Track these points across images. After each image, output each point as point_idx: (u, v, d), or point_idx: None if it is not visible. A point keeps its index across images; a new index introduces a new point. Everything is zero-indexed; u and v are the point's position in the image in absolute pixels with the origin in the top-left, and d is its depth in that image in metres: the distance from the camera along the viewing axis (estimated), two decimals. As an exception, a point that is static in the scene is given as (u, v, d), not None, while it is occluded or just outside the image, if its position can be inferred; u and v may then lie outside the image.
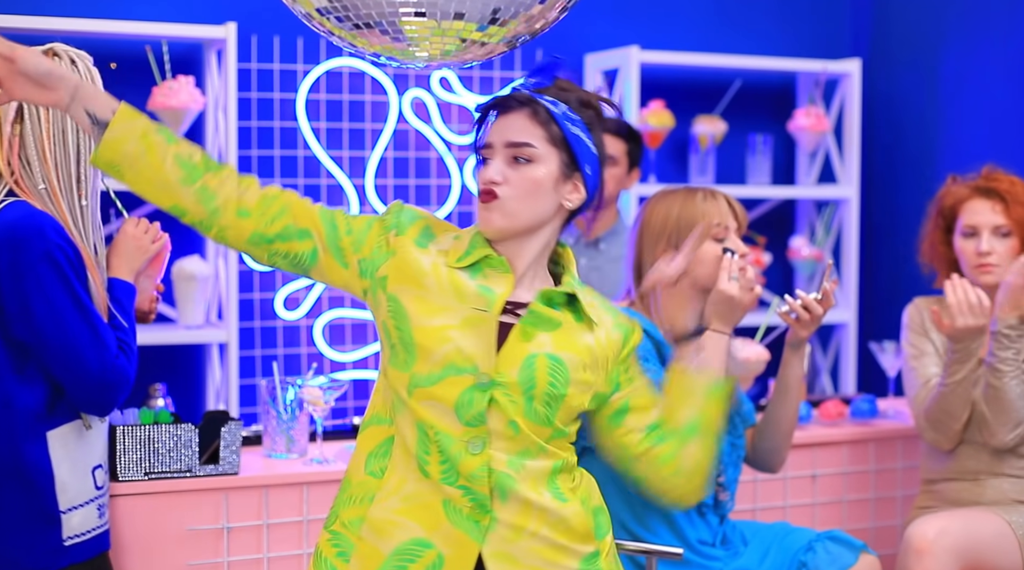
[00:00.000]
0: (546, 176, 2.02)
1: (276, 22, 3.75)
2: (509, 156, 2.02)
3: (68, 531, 2.31)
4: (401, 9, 1.99)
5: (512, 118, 2.03)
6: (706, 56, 4.16)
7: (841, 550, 2.77)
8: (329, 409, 2.99)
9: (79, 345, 2.26)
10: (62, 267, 2.25)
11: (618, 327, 2.09)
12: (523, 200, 2.01)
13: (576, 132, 2.05)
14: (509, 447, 1.99)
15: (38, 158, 2.29)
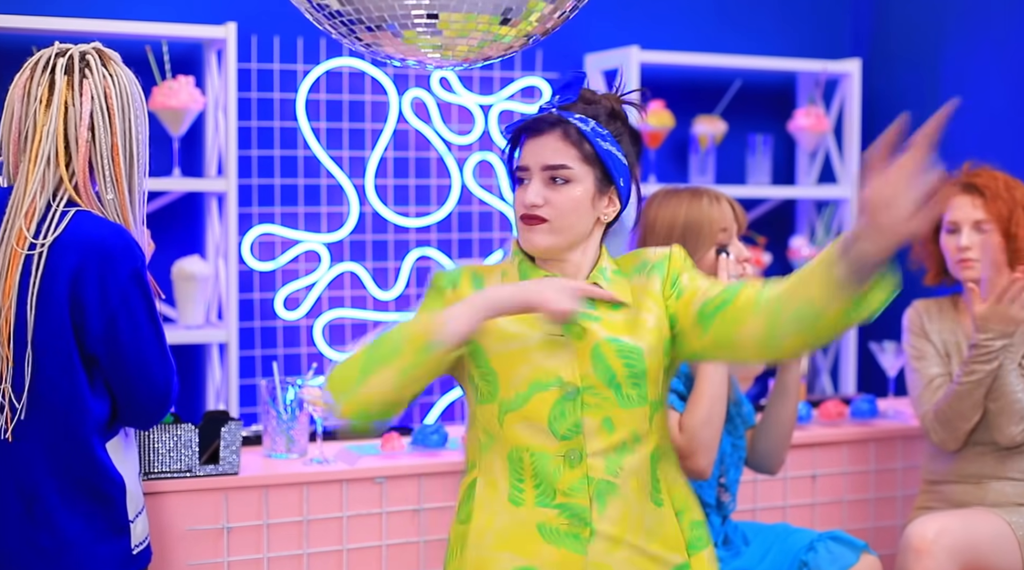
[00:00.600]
0: (584, 194, 2.07)
1: (276, 22, 3.75)
2: (546, 178, 2.07)
3: (135, 539, 2.31)
4: (413, 12, 1.99)
5: (545, 140, 2.07)
6: (706, 56, 4.16)
7: (842, 550, 2.77)
8: (329, 409, 2.99)
9: (152, 363, 2.25)
10: (146, 286, 2.23)
11: (654, 269, 2.11)
12: (565, 219, 2.07)
13: (607, 147, 2.09)
14: (606, 449, 2.03)
15: (110, 167, 2.23)
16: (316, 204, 3.88)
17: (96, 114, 2.22)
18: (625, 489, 2.03)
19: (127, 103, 2.25)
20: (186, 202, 3.75)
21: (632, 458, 2.05)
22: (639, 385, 2.04)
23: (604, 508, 2.02)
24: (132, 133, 2.25)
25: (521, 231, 2.11)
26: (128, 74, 2.29)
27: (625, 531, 2.03)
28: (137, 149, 2.26)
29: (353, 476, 2.91)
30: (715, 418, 2.59)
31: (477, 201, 4.05)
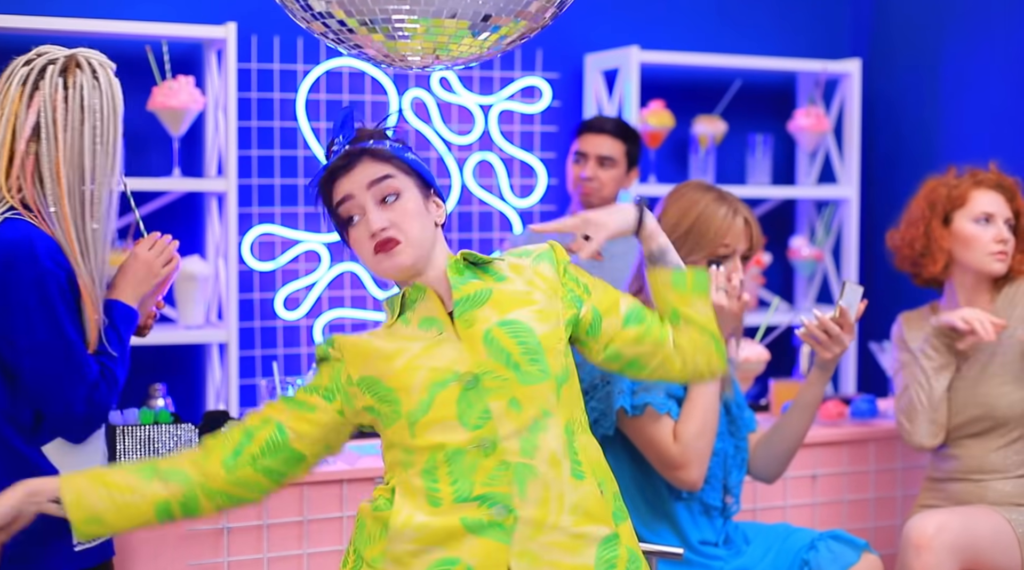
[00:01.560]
0: (415, 203, 2.09)
1: (276, 22, 3.75)
2: (377, 196, 2.07)
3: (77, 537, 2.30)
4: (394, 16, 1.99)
5: (358, 168, 2.09)
6: (706, 56, 4.16)
7: (843, 549, 2.77)
8: (329, 409, 2.99)
9: (56, 378, 2.21)
10: (50, 296, 2.19)
11: (539, 258, 2.14)
12: (414, 230, 2.07)
13: (412, 157, 2.13)
14: (518, 430, 2.01)
15: (52, 179, 2.22)
16: (316, 204, 3.87)
17: (42, 127, 2.22)
18: (543, 469, 2.00)
19: (80, 116, 2.24)
20: (186, 202, 3.75)
21: (545, 435, 2.01)
22: (537, 360, 2.02)
23: (525, 492, 2.00)
24: (81, 146, 2.24)
25: (378, 263, 2.08)
26: (97, 83, 2.28)
27: (548, 513, 2.00)
28: (92, 159, 2.24)
29: (353, 476, 2.91)
30: (708, 430, 2.59)
31: (477, 201, 4.05)
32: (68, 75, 2.26)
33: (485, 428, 2.01)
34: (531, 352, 2.03)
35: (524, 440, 2.01)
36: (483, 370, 2.02)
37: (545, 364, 2.03)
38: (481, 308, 2.06)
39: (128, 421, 2.78)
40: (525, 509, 1.99)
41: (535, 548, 1.99)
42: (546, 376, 2.03)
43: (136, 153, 3.66)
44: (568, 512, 2.01)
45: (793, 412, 2.80)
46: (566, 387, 2.07)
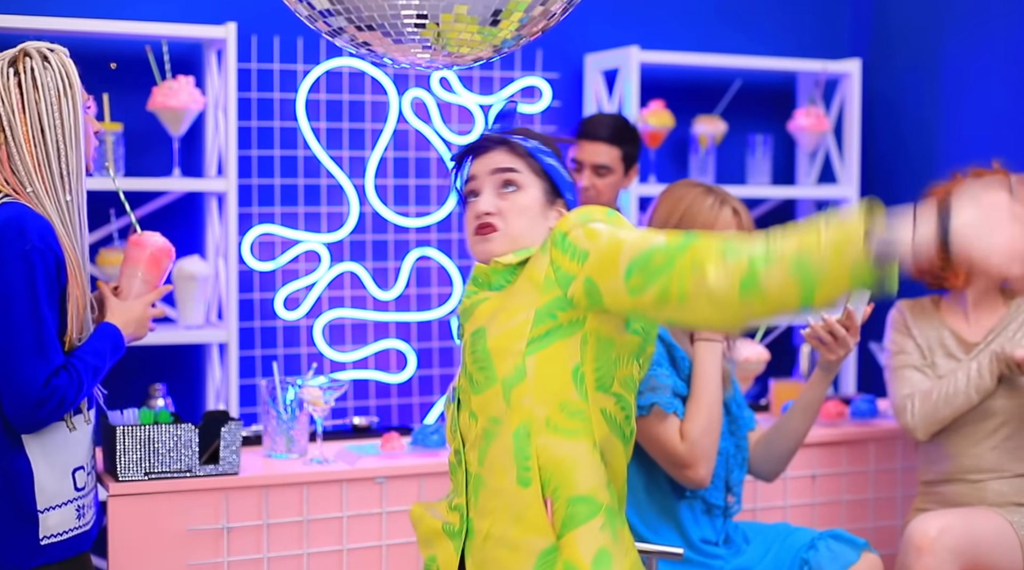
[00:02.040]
0: (533, 201, 2.09)
1: (276, 22, 3.75)
2: (497, 183, 2.10)
3: (44, 531, 2.32)
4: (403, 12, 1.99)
5: (492, 154, 2.12)
6: (706, 56, 4.16)
7: (843, 548, 2.78)
8: (329, 409, 2.99)
9: (20, 352, 2.25)
10: (34, 271, 2.26)
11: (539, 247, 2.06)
12: (517, 225, 2.08)
13: (552, 163, 2.13)
14: (475, 441, 2.04)
15: (21, 161, 2.33)
16: (316, 204, 3.88)
17: (2, 116, 2.33)
18: (491, 478, 2.00)
19: (37, 97, 2.34)
20: (186, 202, 3.75)
21: (496, 443, 1.99)
22: (484, 368, 2.00)
23: (477, 502, 2.03)
24: (42, 126, 2.34)
25: (473, 245, 2.13)
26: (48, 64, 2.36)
27: (494, 523, 2.00)
28: (55, 133, 2.34)
29: (353, 476, 2.91)
30: (714, 427, 2.59)
31: (477, 201, 4.04)
32: (17, 64, 2.37)
33: (457, 441, 2.08)
34: (479, 360, 2.02)
35: (480, 450, 2.03)
36: (459, 385, 2.09)
37: (492, 370, 2.00)
38: (470, 320, 2.10)
39: (128, 421, 2.78)
40: (477, 519, 2.02)
41: (483, 558, 2.01)
42: (492, 382, 2.00)
43: (136, 153, 3.66)
44: (511, 522, 1.98)
45: (794, 412, 2.80)
46: (519, 388, 1.98)
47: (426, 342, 4.00)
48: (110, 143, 3.43)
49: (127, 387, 3.27)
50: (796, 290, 1.68)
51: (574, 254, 1.96)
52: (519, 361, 1.98)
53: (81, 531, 2.40)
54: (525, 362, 1.97)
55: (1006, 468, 3.06)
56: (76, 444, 2.38)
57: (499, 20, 2.04)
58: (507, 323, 2.01)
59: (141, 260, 2.55)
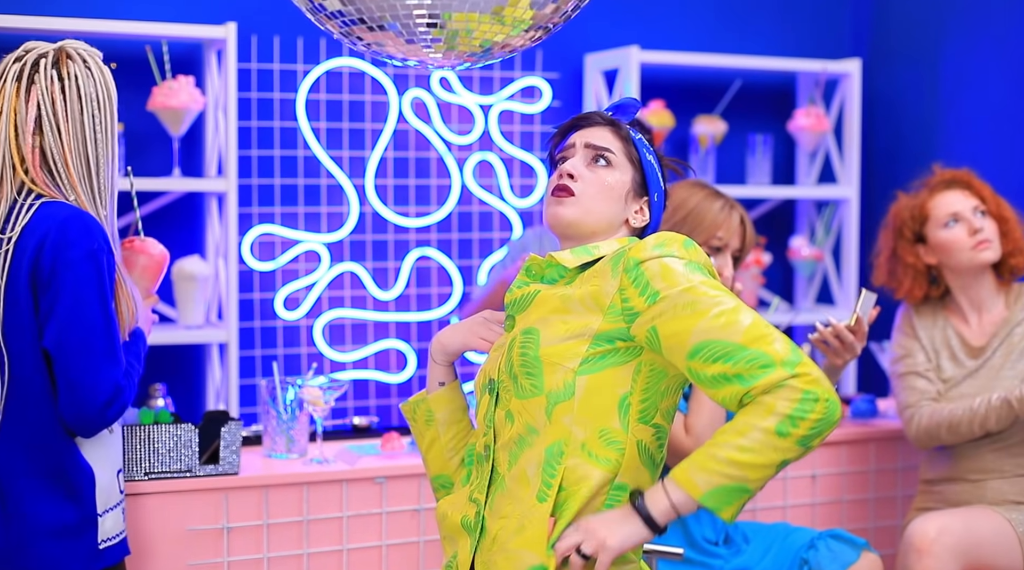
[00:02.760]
0: (619, 183, 2.05)
1: (276, 22, 3.75)
2: (589, 156, 2.06)
3: (103, 534, 2.31)
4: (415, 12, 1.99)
5: (595, 129, 2.09)
6: (706, 56, 4.16)
7: (843, 548, 2.78)
8: (329, 409, 2.99)
9: (95, 353, 2.21)
10: (102, 270, 2.22)
11: (610, 260, 1.97)
12: (595, 199, 2.04)
13: (650, 159, 2.10)
14: (508, 442, 2.00)
15: (63, 170, 2.27)
16: (316, 204, 3.88)
17: (44, 119, 2.26)
18: (512, 483, 1.97)
19: (78, 105, 2.28)
20: (186, 202, 3.75)
21: (529, 451, 1.96)
22: (532, 375, 1.95)
23: (493, 503, 2.00)
24: (83, 134, 2.28)
25: (548, 205, 2.05)
26: (90, 72, 2.31)
27: (502, 527, 1.97)
28: (95, 148, 2.29)
29: (353, 476, 2.91)
30: (717, 421, 2.59)
31: (477, 201, 4.05)
32: (61, 66, 2.30)
33: (488, 435, 2.03)
34: (528, 365, 1.96)
35: (511, 453, 1.99)
36: (499, 378, 2.02)
37: (540, 379, 1.95)
38: (524, 312, 2.04)
39: (128, 421, 2.78)
40: (490, 519, 2.00)
41: (487, 560, 1.99)
42: (538, 392, 1.95)
43: (136, 153, 3.66)
44: (515, 531, 1.96)
45: None
46: (565, 405, 1.94)
47: (426, 342, 4.00)
48: (110, 143, 3.43)
49: (127, 387, 3.27)
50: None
51: (644, 290, 1.90)
52: (569, 379, 1.93)
53: (125, 534, 2.40)
54: (575, 381, 1.93)
55: (1006, 468, 3.06)
56: (117, 445, 2.37)
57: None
58: (563, 335, 1.95)
59: (137, 266, 2.55)
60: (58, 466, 2.25)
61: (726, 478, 1.80)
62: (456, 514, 2.06)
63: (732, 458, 1.80)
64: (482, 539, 2.00)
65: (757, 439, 1.79)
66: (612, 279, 1.93)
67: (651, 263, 1.90)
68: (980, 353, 3.12)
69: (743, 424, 1.81)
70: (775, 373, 1.80)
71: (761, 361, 1.80)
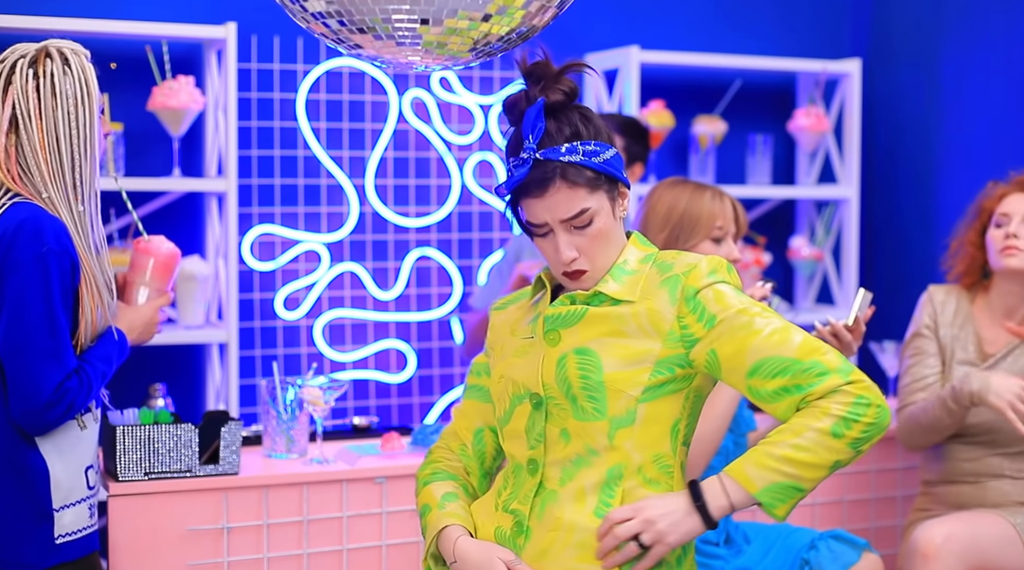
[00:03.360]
0: (606, 220, 2.00)
1: (276, 22, 3.75)
2: (569, 227, 1.99)
3: (60, 529, 2.32)
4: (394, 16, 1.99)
5: (552, 198, 1.96)
6: (706, 56, 4.16)
7: (844, 548, 2.77)
8: (329, 409, 2.99)
9: (33, 354, 2.24)
10: (50, 274, 2.24)
11: (665, 283, 1.98)
12: (601, 257, 2.01)
13: (604, 158, 1.99)
14: (562, 459, 1.99)
15: (36, 168, 2.29)
16: (316, 204, 3.88)
17: (18, 118, 2.29)
18: (567, 499, 1.98)
19: (53, 103, 2.30)
20: (186, 202, 3.75)
21: (588, 471, 1.98)
22: (595, 399, 1.96)
23: (542, 515, 1.99)
24: (57, 133, 2.30)
25: (564, 281, 2.04)
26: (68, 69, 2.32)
27: (554, 542, 1.97)
28: (71, 144, 2.31)
29: (353, 476, 2.91)
30: (705, 440, 2.60)
31: (477, 201, 4.05)
32: (38, 65, 2.32)
33: (536, 450, 2.02)
34: (591, 389, 1.96)
35: (564, 471, 1.99)
36: (548, 394, 2.00)
37: (603, 404, 1.96)
38: (569, 328, 2.01)
39: (128, 421, 2.78)
40: (538, 532, 1.99)
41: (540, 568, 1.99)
42: (601, 416, 1.96)
43: (136, 153, 3.66)
44: (575, 547, 1.97)
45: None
46: (626, 431, 1.96)
47: (426, 342, 4.00)
48: (110, 143, 3.43)
49: (127, 387, 3.27)
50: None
51: (702, 316, 1.95)
52: (632, 406, 1.96)
53: (93, 530, 2.41)
54: (637, 408, 1.97)
55: (1009, 470, 3.05)
56: (87, 442, 2.39)
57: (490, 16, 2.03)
58: (624, 360, 1.96)
59: (147, 267, 2.55)
60: (10, 461, 2.28)
61: (781, 475, 1.90)
62: (491, 522, 2.06)
63: (787, 456, 1.89)
64: (525, 549, 2.00)
65: (812, 439, 1.88)
66: (670, 305, 1.97)
67: (707, 291, 1.96)
68: (990, 358, 3.11)
69: (799, 425, 1.89)
70: (831, 380, 1.89)
71: (817, 370, 1.90)
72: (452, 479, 2.20)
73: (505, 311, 2.17)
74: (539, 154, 1.96)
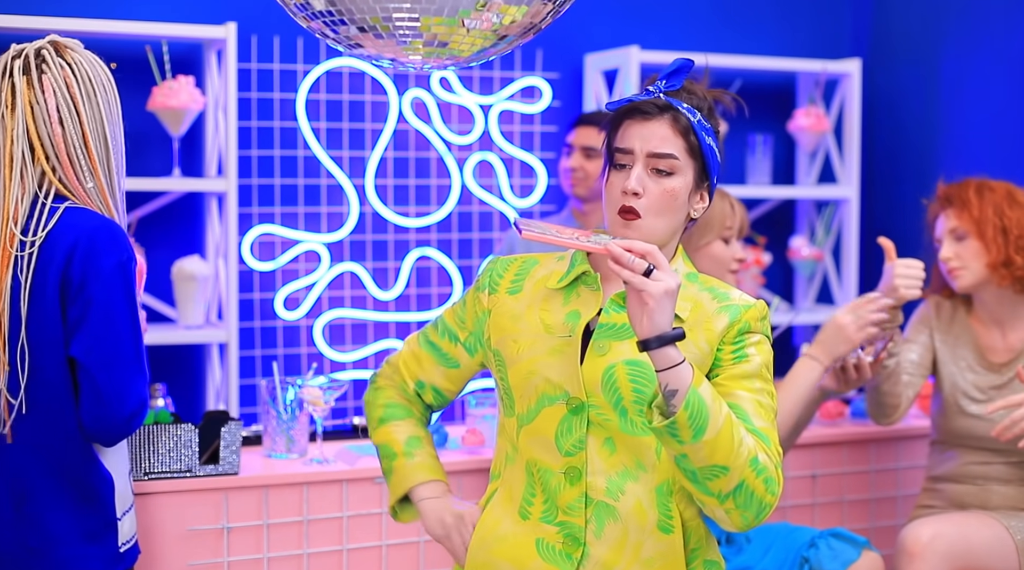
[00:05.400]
0: (682, 187, 1.97)
1: (276, 22, 3.75)
2: (649, 166, 1.97)
3: (122, 537, 2.31)
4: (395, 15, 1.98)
5: (653, 126, 1.98)
6: (706, 56, 4.15)
7: (844, 546, 2.78)
8: (329, 409, 2.99)
9: (125, 365, 2.20)
10: (130, 282, 2.22)
11: (724, 310, 1.96)
12: (661, 215, 1.96)
13: (710, 143, 2.00)
14: (607, 469, 1.95)
15: (84, 154, 2.25)
16: (316, 204, 3.88)
17: (61, 107, 2.25)
18: (625, 513, 1.95)
19: (91, 89, 2.29)
20: (186, 202, 3.75)
21: (636, 485, 1.95)
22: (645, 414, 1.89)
23: (601, 531, 1.96)
24: (101, 117, 2.28)
25: (615, 225, 1.98)
26: (88, 58, 2.31)
27: (619, 557, 1.95)
28: (110, 130, 2.29)
29: (353, 476, 2.91)
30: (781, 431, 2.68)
31: (477, 201, 4.05)
32: (64, 54, 2.30)
33: (576, 457, 1.96)
34: (643, 402, 1.92)
35: (611, 482, 1.95)
36: (592, 402, 1.95)
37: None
38: (621, 342, 1.95)
39: (128, 421, 2.78)
40: (597, 547, 1.96)
41: None
42: (649, 432, 1.91)
43: (136, 153, 3.65)
44: (642, 564, 1.95)
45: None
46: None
47: (426, 342, 4.00)
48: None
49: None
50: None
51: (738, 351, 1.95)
52: None
53: (138, 536, 2.41)
54: None
55: (1015, 475, 3.05)
56: (126, 448, 2.38)
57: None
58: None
59: None
60: (78, 473, 2.24)
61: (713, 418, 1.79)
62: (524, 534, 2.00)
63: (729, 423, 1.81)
64: (583, 564, 1.96)
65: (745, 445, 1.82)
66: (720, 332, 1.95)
67: (755, 335, 1.96)
68: (1003, 369, 3.10)
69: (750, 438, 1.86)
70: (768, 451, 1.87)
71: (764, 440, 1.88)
72: (409, 416, 2.19)
73: (522, 294, 2.06)
74: (663, 94, 2.01)
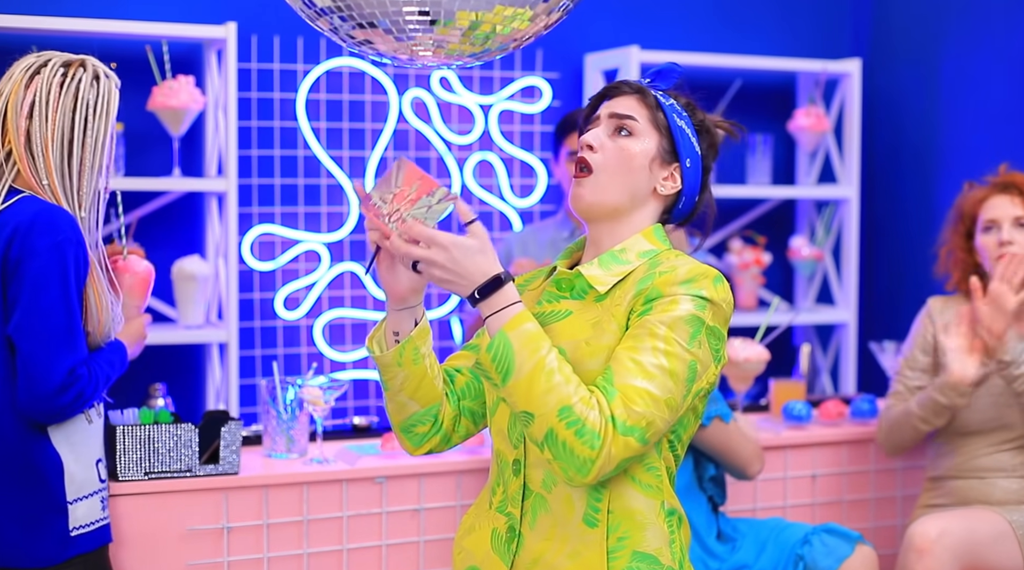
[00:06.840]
0: (641, 152, 1.98)
1: (276, 22, 3.75)
2: (611, 127, 2.00)
3: (74, 522, 2.35)
4: (405, 8, 1.98)
5: (621, 99, 2.03)
6: (706, 56, 4.16)
7: (837, 542, 2.78)
8: (329, 409, 2.99)
9: (49, 338, 2.27)
10: (66, 261, 2.29)
11: (643, 281, 1.91)
12: (615, 174, 1.97)
13: (681, 125, 2.02)
14: (543, 462, 1.93)
15: (41, 156, 2.35)
16: (316, 204, 3.88)
17: (36, 105, 2.35)
18: (555, 505, 1.93)
19: (76, 103, 2.38)
20: (186, 202, 3.75)
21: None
22: None
23: (535, 522, 1.95)
24: (74, 130, 2.37)
25: (571, 188, 1.99)
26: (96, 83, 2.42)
27: (548, 548, 1.94)
28: (81, 150, 2.37)
29: (353, 476, 2.91)
30: None
31: (477, 201, 4.05)
32: (70, 68, 2.41)
33: (520, 449, 1.97)
34: None
35: (547, 474, 1.94)
36: None
37: None
38: (549, 327, 1.94)
39: (128, 421, 2.78)
40: (531, 538, 1.96)
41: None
42: None
43: (136, 153, 3.66)
44: (567, 556, 1.93)
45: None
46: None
47: (426, 342, 4.00)
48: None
49: (127, 387, 3.27)
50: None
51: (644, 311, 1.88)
52: None
53: (105, 522, 2.46)
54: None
55: (1016, 468, 3.05)
56: (95, 436, 2.44)
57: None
58: (593, 361, 1.89)
59: (123, 286, 2.61)
60: (24, 455, 2.31)
61: (520, 362, 1.78)
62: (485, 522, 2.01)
63: (539, 368, 1.79)
64: (519, 555, 1.96)
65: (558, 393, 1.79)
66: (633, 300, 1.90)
67: (666, 299, 1.87)
68: (1007, 366, 3.09)
69: (575, 380, 1.80)
70: (610, 407, 1.80)
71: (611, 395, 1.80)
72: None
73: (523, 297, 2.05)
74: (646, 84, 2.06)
